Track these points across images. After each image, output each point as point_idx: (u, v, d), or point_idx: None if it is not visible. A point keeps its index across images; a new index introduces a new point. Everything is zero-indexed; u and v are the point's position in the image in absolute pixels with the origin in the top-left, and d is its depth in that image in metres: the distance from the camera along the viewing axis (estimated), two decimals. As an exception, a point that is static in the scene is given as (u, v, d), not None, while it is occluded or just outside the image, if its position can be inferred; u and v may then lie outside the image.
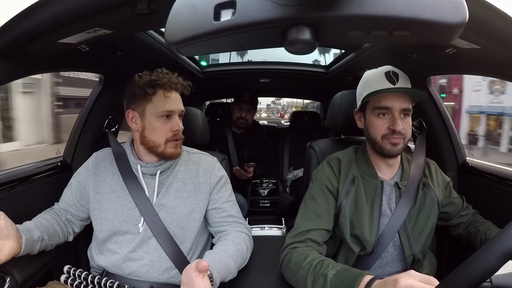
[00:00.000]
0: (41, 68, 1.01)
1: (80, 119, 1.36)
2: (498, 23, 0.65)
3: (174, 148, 0.98)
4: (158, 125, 0.96)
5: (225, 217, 1.03)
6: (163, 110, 0.95)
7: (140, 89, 0.95)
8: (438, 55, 0.99)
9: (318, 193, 0.97)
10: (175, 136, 0.98)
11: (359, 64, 1.67)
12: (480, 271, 0.44)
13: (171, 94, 0.96)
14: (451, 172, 1.31)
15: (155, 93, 0.95)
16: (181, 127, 0.99)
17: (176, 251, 0.96)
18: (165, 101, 0.95)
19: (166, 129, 0.96)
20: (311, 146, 1.28)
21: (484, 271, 0.43)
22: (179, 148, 1.00)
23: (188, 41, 0.44)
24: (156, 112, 0.96)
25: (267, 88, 2.92)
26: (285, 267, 0.89)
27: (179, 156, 1.02)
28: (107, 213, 0.99)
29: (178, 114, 1.00)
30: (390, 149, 0.92)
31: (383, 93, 0.91)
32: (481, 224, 1.02)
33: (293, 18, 0.41)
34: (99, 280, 0.93)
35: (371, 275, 0.70)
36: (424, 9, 0.40)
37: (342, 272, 0.75)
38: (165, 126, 0.96)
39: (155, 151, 0.98)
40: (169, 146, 0.97)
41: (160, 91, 0.95)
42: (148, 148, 0.99)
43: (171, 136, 0.97)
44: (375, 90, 0.91)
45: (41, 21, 0.72)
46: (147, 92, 0.95)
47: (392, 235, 0.94)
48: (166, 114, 0.96)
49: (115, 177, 1.01)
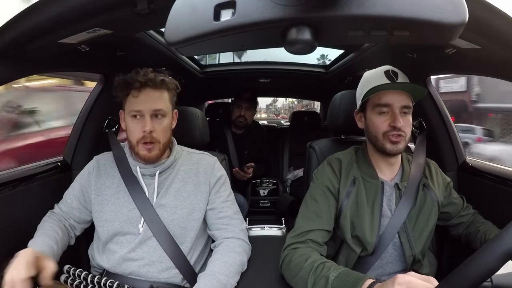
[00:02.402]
0: (41, 68, 1.01)
1: (80, 119, 1.36)
2: (498, 23, 0.65)
3: (147, 151, 0.95)
4: (130, 126, 0.96)
5: (221, 218, 1.02)
6: (131, 110, 0.95)
7: (116, 90, 0.96)
8: (438, 55, 0.99)
9: (319, 194, 0.97)
10: (144, 139, 0.94)
11: (359, 64, 1.67)
12: (480, 271, 0.44)
13: (139, 94, 0.94)
14: (451, 172, 1.31)
15: (128, 94, 0.95)
16: (148, 128, 0.93)
17: (176, 251, 0.96)
18: (134, 101, 0.94)
19: (136, 129, 0.95)
20: (311, 146, 1.28)
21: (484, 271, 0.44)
22: (154, 151, 0.96)
23: (188, 41, 0.44)
24: (128, 112, 0.96)
25: (267, 88, 2.92)
26: (286, 268, 0.89)
27: (155, 160, 0.98)
28: (107, 215, 0.99)
29: (150, 114, 0.94)
30: (391, 148, 0.92)
31: (383, 91, 0.91)
32: (481, 224, 1.02)
33: (293, 18, 0.41)
34: (99, 279, 0.93)
35: (372, 279, 0.71)
36: (424, 9, 0.40)
37: (344, 275, 0.75)
38: (136, 126, 0.95)
39: (133, 151, 0.99)
40: (140, 148, 0.95)
41: (131, 91, 0.95)
42: (131, 148, 1.00)
43: (141, 137, 0.94)
44: (375, 86, 0.91)
45: (41, 21, 0.72)
46: (119, 94, 0.96)
47: (392, 235, 0.94)
48: (134, 114, 0.95)
49: (116, 180, 1.01)
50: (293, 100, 19.24)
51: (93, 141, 1.36)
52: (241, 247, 1.00)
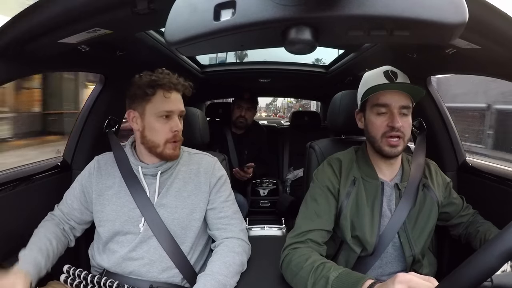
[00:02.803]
0: (41, 68, 1.01)
1: (80, 119, 1.36)
2: (498, 23, 0.65)
3: (173, 149, 0.98)
4: (157, 126, 0.96)
5: (221, 218, 1.03)
6: (162, 111, 0.96)
7: (140, 89, 0.95)
8: (438, 55, 0.99)
9: (319, 194, 0.97)
10: (175, 137, 0.98)
11: (359, 64, 1.67)
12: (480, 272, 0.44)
13: (170, 95, 0.96)
14: (451, 172, 1.31)
15: (154, 93, 0.95)
16: (180, 127, 0.99)
17: (176, 251, 0.96)
18: (165, 101, 0.96)
19: (165, 129, 0.96)
20: (311, 146, 1.28)
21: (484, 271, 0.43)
22: (178, 150, 1.00)
23: (188, 41, 0.44)
24: (155, 112, 0.96)
25: (267, 88, 2.92)
26: (286, 268, 0.89)
27: (177, 158, 1.02)
28: (108, 214, 0.99)
29: (178, 114, 0.99)
30: (389, 151, 0.92)
31: (382, 90, 0.91)
32: (481, 225, 1.02)
33: (293, 18, 0.41)
34: (98, 279, 0.93)
35: (372, 279, 0.71)
36: (424, 9, 0.40)
37: (344, 275, 0.75)
38: (164, 126, 0.96)
39: (155, 151, 0.98)
40: (168, 147, 0.97)
41: (160, 91, 0.95)
42: (148, 148, 0.99)
43: (171, 137, 0.97)
44: (373, 86, 0.91)
45: (41, 21, 0.72)
46: (147, 93, 0.95)
47: (392, 235, 0.94)
48: (166, 115, 0.96)
49: (117, 179, 1.02)
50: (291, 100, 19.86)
51: (93, 141, 1.36)
52: (241, 247, 1.00)
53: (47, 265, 0.92)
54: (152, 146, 0.98)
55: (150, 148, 0.99)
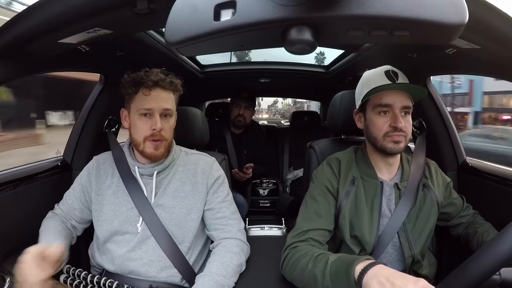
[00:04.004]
0: (41, 68, 1.01)
1: (80, 119, 1.36)
2: (498, 23, 0.65)
3: (154, 148, 0.96)
4: (138, 123, 0.97)
5: (218, 218, 1.03)
6: (141, 108, 0.96)
7: (124, 88, 0.97)
8: (438, 55, 0.99)
9: (318, 194, 0.97)
10: (153, 136, 0.96)
11: (359, 64, 1.67)
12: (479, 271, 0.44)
13: (150, 92, 0.95)
14: (451, 172, 1.31)
15: (137, 92, 0.96)
16: (159, 126, 0.95)
17: (174, 251, 0.96)
18: (144, 99, 0.95)
19: (145, 127, 0.96)
20: (311, 146, 1.28)
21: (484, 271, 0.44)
22: (160, 149, 0.97)
23: (188, 41, 0.44)
24: (136, 110, 0.96)
25: (267, 88, 2.91)
26: (286, 266, 0.89)
27: (161, 158, 1.00)
28: (106, 214, 0.99)
29: (160, 113, 0.96)
30: (392, 148, 0.92)
31: (384, 91, 0.91)
32: (480, 226, 1.02)
33: (293, 18, 0.41)
34: (98, 279, 0.93)
35: (371, 259, 0.71)
36: (424, 9, 0.40)
37: (344, 256, 0.77)
38: (144, 124, 0.96)
39: (137, 149, 0.99)
40: (147, 146, 0.97)
41: (141, 89, 0.96)
42: (134, 146, 1.00)
43: (149, 135, 0.96)
44: (376, 86, 0.91)
45: (41, 21, 0.72)
46: (129, 91, 0.96)
47: (391, 236, 0.94)
48: (145, 113, 0.96)
49: (115, 179, 1.02)
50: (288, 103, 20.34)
51: (93, 141, 1.36)
52: (239, 247, 1.00)
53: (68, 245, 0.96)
54: (135, 145, 0.99)
55: (135, 146, 1.00)
